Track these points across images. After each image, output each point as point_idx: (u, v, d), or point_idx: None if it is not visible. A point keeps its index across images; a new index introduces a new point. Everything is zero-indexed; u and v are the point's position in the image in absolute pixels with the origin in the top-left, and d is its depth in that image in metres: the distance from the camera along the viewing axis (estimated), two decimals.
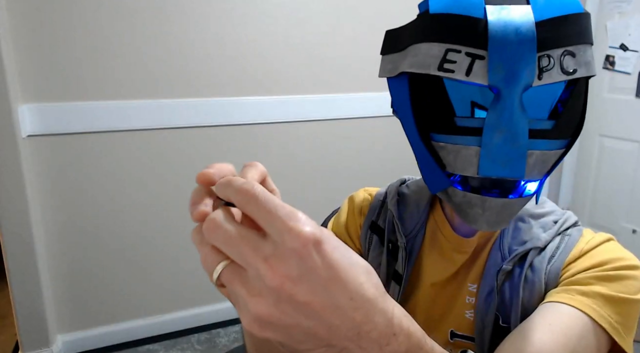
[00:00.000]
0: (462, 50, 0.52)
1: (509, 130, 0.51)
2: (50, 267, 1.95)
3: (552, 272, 0.61)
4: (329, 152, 2.32)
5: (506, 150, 0.52)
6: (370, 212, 0.78)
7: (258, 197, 0.30)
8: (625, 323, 0.57)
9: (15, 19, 1.72)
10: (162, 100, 1.98)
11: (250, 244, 0.29)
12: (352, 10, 2.21)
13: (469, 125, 0.54)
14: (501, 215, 0.56)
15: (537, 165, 0.54)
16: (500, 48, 0.51)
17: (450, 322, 0.68)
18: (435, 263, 0.70)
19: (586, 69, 0.53)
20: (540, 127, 0.54)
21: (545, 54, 0.51)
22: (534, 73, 0.51)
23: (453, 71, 0.53)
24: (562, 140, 0.56)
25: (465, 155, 0.54)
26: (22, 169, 1.75)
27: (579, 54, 0.53)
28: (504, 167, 0.52)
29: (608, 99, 2.74)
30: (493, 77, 0.51)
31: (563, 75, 0.52)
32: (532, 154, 0.53)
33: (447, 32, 0.54)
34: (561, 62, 0.52)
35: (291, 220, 0.28)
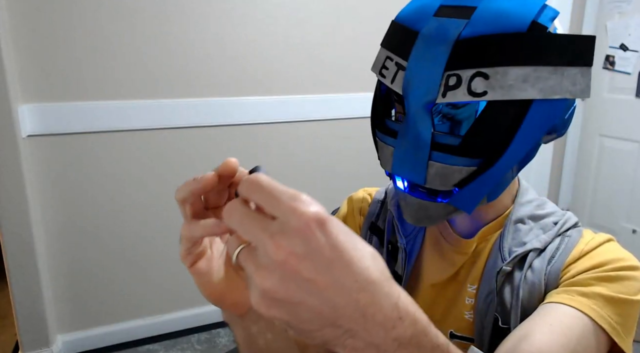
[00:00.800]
0: (394, 59, 0.58)
1: (412, 139, 0.56)
2: (50, 267, 1.95)
3: (552, 273, 0.61)
4: (329, 152, 2.32)
5: (410, 156, 0.57)
6: (369, 213, 0.78)
7: (262, 183, 0.31)
8: (625, 324, 0.57)
9: (15, 19, 1.72)
10: (162, 100, 1.98)
11: (259, 223, 0.31)
12: (352, 10, 2.21)
13: (392, 127, 0.61)
14: (419, 213, 0.61)
15: (439, 176, 0.56)
16: (415, 63, 0.54)
17: (449, 323, 0.68)
18: (435, 264, 0.70)
19: (503, 93, 0.51)
20: (445, 142, 0.56)
21: (455, 73, 0.52)
22: (437, 90, 0.53)
23: (385, 77, 0.59)
24: (470, 158, 0.55)
25: (386, 153, 0.61)
26: (22, 169, 1.75)
27: (495, 77, 0.51)
28: (408, 170, 0.58)
29: (608, 99, 2.74)
30: (405, 88, 0.56)
31: (469, 96, 0.52)
32: (433, 164, 0.56)
33: (391, 40, 0.60)
34: (469, 83, 0.52)
35: (295, 201, 0.30)
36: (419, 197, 0.59)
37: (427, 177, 0.56)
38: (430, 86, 0.53)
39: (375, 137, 0.65)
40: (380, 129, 0.63)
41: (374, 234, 0.75)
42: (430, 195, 0.59)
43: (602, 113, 2.78)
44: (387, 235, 0.73)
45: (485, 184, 0.57)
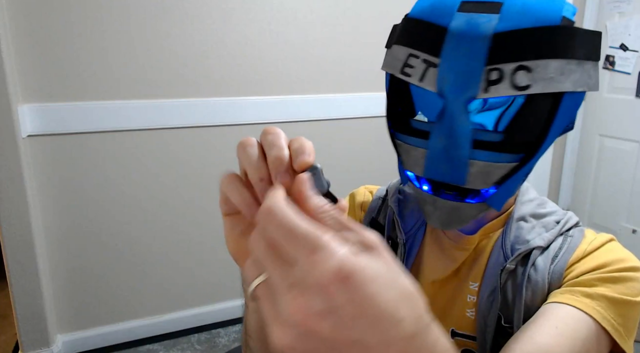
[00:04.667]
0: (420, 56, 0.55)
1: (451, 138, 0.54)
2: (50, 267, 1.95)
3: (555, 272, 0.61)
4: (329, 152, 2.32)
5: (448, 156, 0.54)
6: (370, 209, 0.78)
7: (280, 218, 0.28)
8: (626, 325, 0.57)
9: (15, 19, 1.72)
10: (162, 100, 1.98)
11: (279, 269, 0.28)
12: (352, 11, 2.21)
13: (420, 128, 0.58)
14: (451, 216, 0.59)
15: (481, 175, 0.55)
16: (451, 58, 0.52)
17: (451, 320, 0.68)
18: (435, 261, 0.70)
19: (544, 85, 0.51)
20: (486, 139, 0.54)
21: (496, 67, 0.51)
22: (478, 85, 0.51)
23: (410, 75, 0.56)
24: (512, 154, 0.55)
25: (414, 156, 0.58)
26: (22, 169, 1.75)
27: (537, 70, 0.51)
28: (445, 171, 0.55)
29: (608, 99, 2.74)
30: (441, 85, 0.53)
31: (514, 90, 0.51)
32: (474, 163, 0.54)
33: (412, 37, 0.57)
34: (512, 76, 0.51)
35: (314, 254, 0.26)
36: (446, 199, 0.58)
37: (468, 176, 0.55)
38: (471, 82, 0.51)
39: (395, 140, 0.62)
40: (403, 130, 0.60)
41: (374, 230, 0.75)
42: (459, 196, 0.57)
43: (602, 113, 2.78)
44: (387, 231, 0.73)
45: (519, 179, 0.57)
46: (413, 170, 0.59)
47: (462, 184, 0.55)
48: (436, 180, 0.57)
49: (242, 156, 0.38)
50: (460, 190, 0.57)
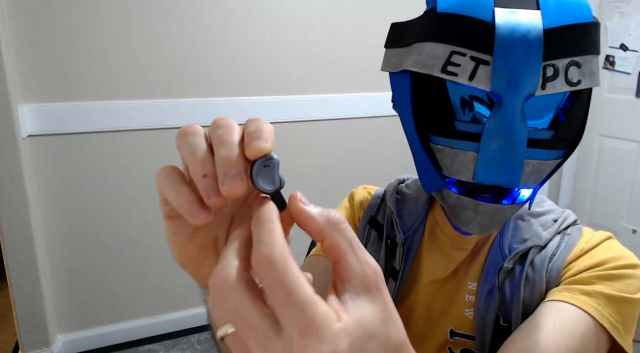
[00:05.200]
0: (467, 54, 0.51)
1: (508, 139, 0.51)
2: (50, 267, 1.95)
3: (553, 270, 0.61)
4: (329, 152, 2.32)
5: (503, 158, 0.52)
6: (369, 207, 0.78)
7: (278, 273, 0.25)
8: (625, 323, 0.57)
9: (15, 19, 1.72)
10: (162, 100, 1.98)
11: (258, 337, 0.25)
12: (352, 11, 2.21)
13: (468, 130, 0.54)
14: (493, 219, 0.57)
15: (533, 174, 0.54)
16: (505, 54, 0.50)
17: (449, 320, 0.68)
18: (434, 261, 0.70)
19: (591, 80, 0.52)
20: (539, 137, 0.53)
21: (551, 63, 0.50)
22: (537, 82, 0.50)
23: (456, 74, 0.52)
24: (560, 150, 0.55)
25: (462, 160, 0.54)
26: (22, 169, 1.75)
27: (585, 65, 0.52)
28: (500, 174, 0.52)
29: (608, 99, 2.74)
30: (496, 84, 0.50)
31: (567, 86, 0.51)
32: (528, 163, 0.53)
33: (453, 33, 0.52)
34: (566, 72, 0.51)
35: (307, 335, 0.24)
36: (485, 201, 0.55)
37: (522, 177, 0.53)
38: (530, 79, 0.50)
39: (430, 144, 0.57)
40: (445, 133, 0.55)
41: (373, 228, 0.75)
42: (495, 199, 0.56)
43: (602, 113, 2.78)
44: (385, 231, 0.73)
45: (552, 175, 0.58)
46: (460, 176, 0.55)
47: (516, 186, 0.53)
48: (488, 183, 0.53)
49: (182, 147, 0.32)
50: (497, 192, 0.56)
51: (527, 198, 0.58)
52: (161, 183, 0.32)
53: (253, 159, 0.29)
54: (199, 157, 0.30)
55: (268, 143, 0.29)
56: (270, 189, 0.30)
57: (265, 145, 0.29)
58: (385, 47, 0.63)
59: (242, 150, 0.30)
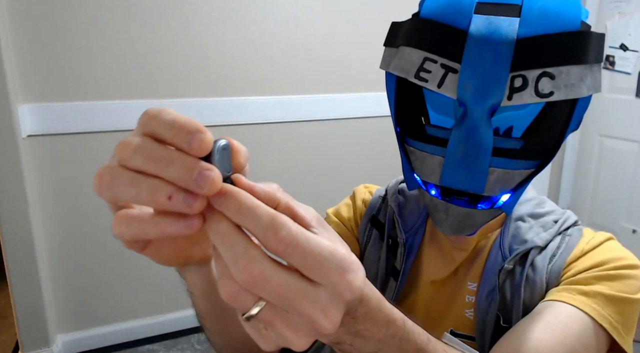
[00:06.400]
0: (438, 61, 0.52)
1: (472, 146, 0.52)
2: (50, 267, 1.95)
3: (553, 271, 0.61)
4: (329, 152, 2.32)
5: (467, 164, 0.52)
6: (371, 205, 0.78)
7: (301, 246, 0.28)
8: (625, 323, 0.57)
9: (15, 19, 1.72)
10: (162, 100, 1.98)
11: (308, 297, 0.28)
12: (352, 11, 2.21)
13: (437, 135, 0.56)
14: (463, 223, 0.58)
15: (499, 183, 0.54)
16: (473, 64, 0.50)
17: (449, 320, 0.68)
18: (434, 261, 0.70)
19: (567, 92, 0.50)
20: (506, 146, 0.53)
21: (520, 74, 0.49)
22: (503, 93, 0.50)
23: (427, 81, 0.53)
24: (530, 161, 0.54)
25: (430, 163, 0.56)
26: (22, 169, 1.75)
27: (560, 77, 0.50)
28: (464, 180, 0.53)
29: (608, 99, 2.74)
30: (462, 92, 0.51)
31: (536, 97, 0.50)
32: (494, 171, 0.53)
33: (427, 40, 0.53)
34: (536, 83, 0.49)
35: (346, 273, 0.29)
36: (458, 205, 0.57)
37: (487, 184, 0.54)
38: (495, 89, 0.50)
39: (405, 146, 0.59)
40: (417, 136, 0.57)
41: (374, 227, 0.75)
42: (470, 202, 0.57)
43: (602, 113, 2.78)
44: (387, 230, 0.73)
45: (529, 183, 0.57)
46: (428, 179, 0.57)
47: (480, 192, 0.54)
48: (452, 188, 0.55)
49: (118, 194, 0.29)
50: (471, 196, 0.56)
51: (504, 203, 0.57)
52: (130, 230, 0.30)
53: (203, 155, 0.28)
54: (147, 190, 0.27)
55: (205, 132, 0.27)
56: (230, 173, 0.30)
57: (206, 136, 0.27)
58: (384, 46, 0.64)
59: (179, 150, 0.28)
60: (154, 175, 0.28)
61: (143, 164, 0.28)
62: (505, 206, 0.58)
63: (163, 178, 0.27)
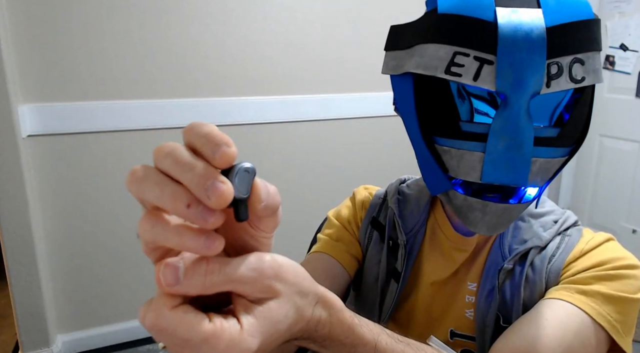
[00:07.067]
0: (471, 54, 0.51)
1: (514, 138, 0.51)
2: (50, 267, 1.95)
3: (552, 271, 0.62)
4: (329, 152, 2.32)
5: (510, 157, 0.51)
6: (371, 208, 0.78)
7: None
8: (625, 322, 0.57)
9: (15, 19, 1.72)
10: (162, 100, 1.98)
11: None
12: (352, 11, 2.21)
13: (474, 130, 0.54)
14: (501, 219, 0.56)
15: (541, 173, 0.54)
16: (509, 53, 0.49)
17: (450, 321, 0.68)
18: (435, 262, 0.70)
19: (594, 77, 0.52)
20: (545, 135, 0.53)
21: (555, 61, 0.50)
22: (542, 80, 0.50)
23: (460, 75, 0.51)
24: (566, 147, 0.55)
25: (469, 161, 0.54)
26: (22, 169, 1.75)
27: (588, 62, 0.52)
28: (508, 174, 0.52)
29: (608, 99, 2.74)
30: (501, 83, 0.50)
31: (571, 83, 0.51)
32: (535, 161, 0.53)
33: (455, 34, 0.52)
34: (570, 69, 0.51)
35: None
36: (494, 202, 0.55)
37: (530, 175, 0.53)
38: (535, 77, 0.50)
39: (436, 146, 0.57)
40: (450, 134, 0.55)
41: (375, 229, 0.75)
42: (503, 198, 0.56)
43: (602, 113, 2.78)
44: (387, 232, 0.73)
45: (560, 172, 0.58)
46: (467, 177, 0.55)
47: (524, 184, 0.53)
48: (495, 183, 0.54)
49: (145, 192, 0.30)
50: (505, 192, 0.56)
51: (534, 197, 0.58)
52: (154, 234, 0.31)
53: (224, 167, 0.28)
54: (169, 193, 0.28)
55: (232, 147, 0.28)
56: (246, 196, 0.30)
57: (230, 150, 0.28)
58: (385, 50, 0.62)
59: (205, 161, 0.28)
60: (180, 182, 0.28)
61: (170, 167, 0.29)
62: (534, 199, 0.58)
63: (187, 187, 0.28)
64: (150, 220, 0.31)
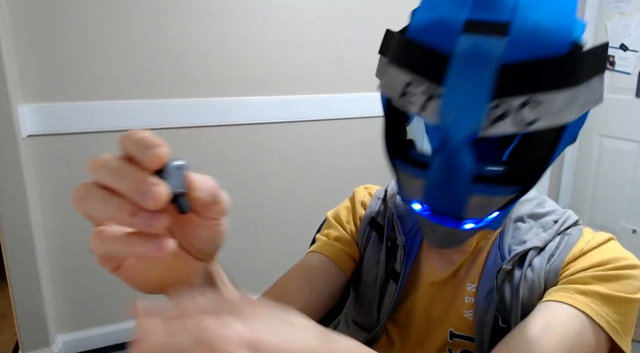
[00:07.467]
0: (422, 84, 0.50)
1: (451, 173, 0.51)
2: (50, 267, 1.95)
3: (551, 271, 0.62)
4: (329, 152, 2.32)
5: (447, 189, 0.52)
6: (370, 208, 0.78)
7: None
8: (624, 322, 0.57)
9: (15, 19, 1.72)
10: (162, 100, 1.98)
11: None
12: (352, 11, 2.21)
13: (418, 158, 0.55)
14: (451, 238, 0.58)
15: (480, 208, 0.53)
16: (456, 90, 0.48)
17: (449, 321, 0.68)
18: (434, 262, 0.70)
19: (551, 119, 0.47)
20: (487, 174, 0.52)
21: (501, 101, 0.47)
22: (483, 121, 0.47)
23: (410, 103, 0.52)
24: (512, 187, 0.53)
25: (413, 184, 0.56)
26: (22, 169, 1.75)
27: (544, 104, 0.47)
28: (445, 205, 0.54)
29: (608, 99, 2.74)
30: (443, 118, 0.49)
31: (518, 126, 0.47)
32: (473, 197, 0.52)
33: (411, 61, 0.52)
34: (518, 112, 0.47)
35: None
36: (444, 223, 0.56)
37: (467, 209, 0.53)
38: (476, 116, 0.47)
39: (393, 163, 0.59)
40: (402, 157, 0.57)
41: (374, 230, 0.75)
42: (455, 219, 0.56)
43: (602, 113, 2.78)
44: (386, 232, 0.73)
45: (515, 204, 0.56)
46: (411, 197, 0.57)
47: (461, 216, 0.54)
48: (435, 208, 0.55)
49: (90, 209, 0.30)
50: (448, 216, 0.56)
51: (490, 221, 0.57)
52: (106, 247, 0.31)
53: (156, 168, 0.30)
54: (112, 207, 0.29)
55: (162, 148, 0.29)
56: (181, 189, 0.31)
57: (159, 150, 0.29)
58: (379, 53, 0.62)
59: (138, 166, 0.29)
60: (120, 193, 0.29)
61: (105, 179, 0.30)
62: (491, 223, 0.57)
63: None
64: (100, 236, 0.31)
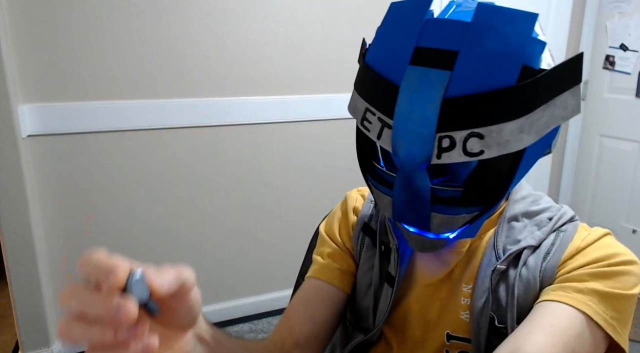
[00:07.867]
0: (376, 114, 0.54)
1: (411, 193, 0.54)
2: (50, 267, 1.95)
3: (547, 269, 0.61)
4: (329, 152, 2.32)
5: (412, 208, 0.56)
6: (362, 213, 0.78)
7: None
8: (621, 318, 0.57)
9: (15, 19, 1.72)
10: (162, 100, 1.98)
11: None
12: (352, 11, 2.21)
13: (385, 177, 0.59)
14: (427, 245, 0.60)
15: (444, 225, 0.56)
16: (403, 122, 0.51)
17: (446, 323, 0.67)
18: (429, 264, 0.69)
19: (499, 149, 0.48)
20: (445, 195, 0.55)
21: (447, 134, 0.48)
22: (431, 152, 0.50)
23: (369, 130, 0.55)
24: (471, 207, 0.55)
25: (383, 200, 0.59)
26: (22, 169, 1.76)
27: (490, 135, 0.48)
28: (411, 219, 0.57)
29: (608, 99, 2.74)
30: (395, 147, 0.52)
31: (465, 157, 0.49)
32: (436, 216, 0.55)
33: (368, 90, 0.55)
34: (464, 143, 0.48)
35: None
36: (421, 233, 0.59)
37: (432, 226, 0.56)
38: (424, 148, 0.50)
39: (366, 178, 0.63)
40: (371, 174, 0.61)
41: (367, 235, 0.75)
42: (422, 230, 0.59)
43: (602, 113, 2.78)
44: (379, 236, 0.73)
45: (487, 216, 0.58)
46: (384, 212, 0.61)
47: (428, 231, 0.57)
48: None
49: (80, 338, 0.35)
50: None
51: (462, 231, 0.58)
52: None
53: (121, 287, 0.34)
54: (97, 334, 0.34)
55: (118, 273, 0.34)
56: (147, 297, 0.35)
57: (115, 279, 0.34)
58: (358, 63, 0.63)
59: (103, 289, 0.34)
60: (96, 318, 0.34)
61: (79, 308, 0.34)
62: (463, 233, 0.59)
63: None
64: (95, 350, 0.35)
